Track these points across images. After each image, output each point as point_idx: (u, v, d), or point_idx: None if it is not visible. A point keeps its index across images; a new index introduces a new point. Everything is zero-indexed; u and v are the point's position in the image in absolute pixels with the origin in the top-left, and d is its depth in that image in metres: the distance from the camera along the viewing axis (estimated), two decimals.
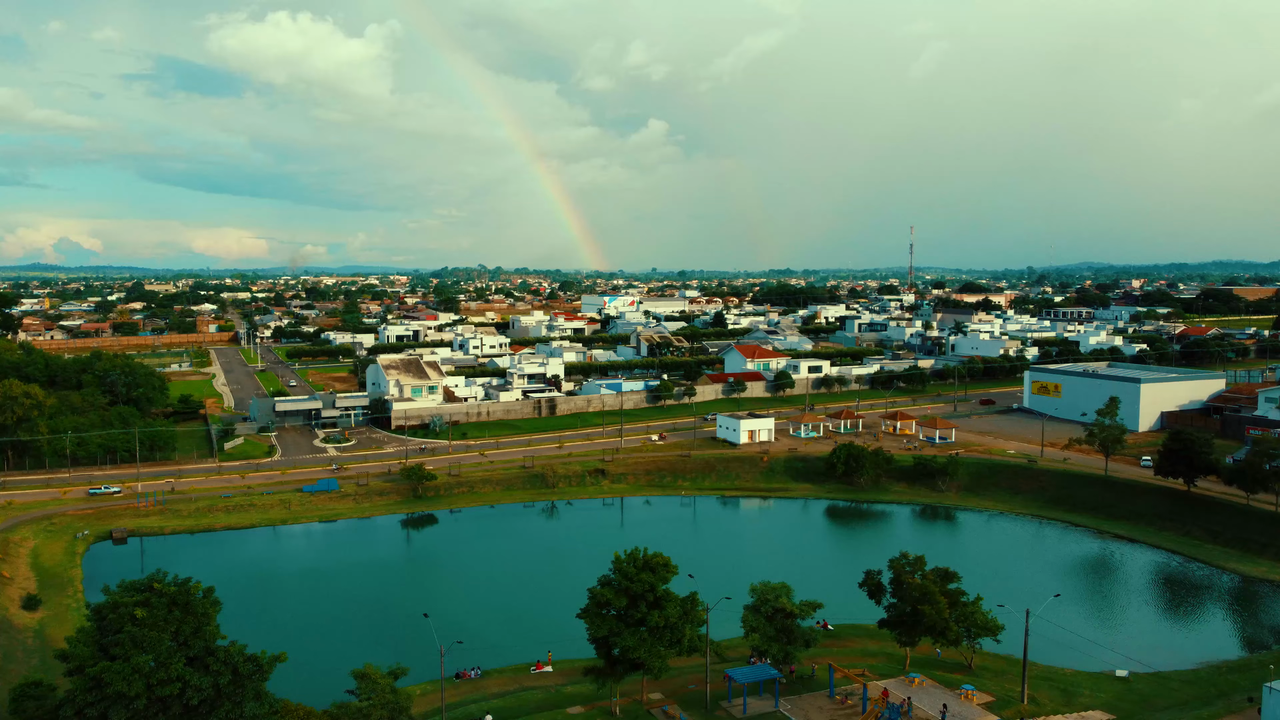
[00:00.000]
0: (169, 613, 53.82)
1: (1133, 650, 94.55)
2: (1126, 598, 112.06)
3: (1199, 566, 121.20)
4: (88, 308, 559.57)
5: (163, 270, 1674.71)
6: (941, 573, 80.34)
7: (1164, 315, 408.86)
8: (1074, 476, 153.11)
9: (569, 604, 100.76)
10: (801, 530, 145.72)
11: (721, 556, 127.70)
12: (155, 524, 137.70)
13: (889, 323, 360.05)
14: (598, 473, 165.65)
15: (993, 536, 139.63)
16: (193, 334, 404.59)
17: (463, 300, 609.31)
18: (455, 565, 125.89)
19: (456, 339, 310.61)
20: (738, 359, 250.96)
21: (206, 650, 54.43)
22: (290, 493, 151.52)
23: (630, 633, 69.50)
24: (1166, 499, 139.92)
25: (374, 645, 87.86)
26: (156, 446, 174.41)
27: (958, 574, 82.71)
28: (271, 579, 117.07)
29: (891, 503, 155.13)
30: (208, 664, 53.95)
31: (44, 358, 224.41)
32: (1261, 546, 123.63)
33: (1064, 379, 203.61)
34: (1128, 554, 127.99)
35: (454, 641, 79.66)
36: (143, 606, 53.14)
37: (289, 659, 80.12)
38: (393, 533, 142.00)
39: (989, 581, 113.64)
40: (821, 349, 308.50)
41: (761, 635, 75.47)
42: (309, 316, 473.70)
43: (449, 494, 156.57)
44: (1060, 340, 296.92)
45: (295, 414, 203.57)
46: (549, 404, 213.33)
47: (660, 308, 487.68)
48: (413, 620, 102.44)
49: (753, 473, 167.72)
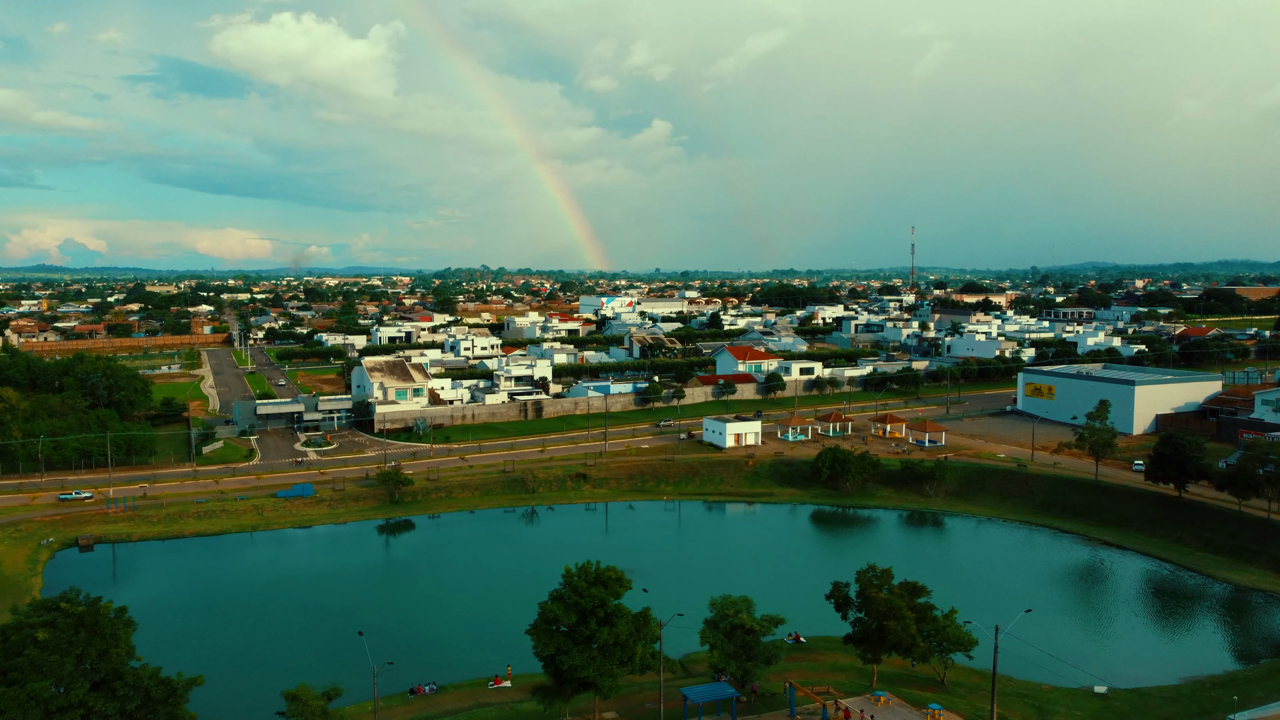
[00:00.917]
0: (75, 634, 50.90)
1: (1114, 664, 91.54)
2: (1112, 608, 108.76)
3: (1189, 575, 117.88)
4: (85, 309, 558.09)
5: (167, 271, 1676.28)
6: (909, 587, 77.17)
7: (1165, 316, 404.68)
8: (1064, 481, 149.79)
9: (535, 615, 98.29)
10: (783, 536, 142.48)
11: (698, 564, 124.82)
12: (123, 530, 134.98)
13: (885, 324, 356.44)
14: (579, 477, 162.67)
15: (979, 543, 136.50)
16: (187, 335, 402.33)
17: (461, 301, 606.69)
18: (426, 573, 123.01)
19: (448, 341, 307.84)
20: (729, 360, 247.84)
21: (114, 674, 51.49)
22: (264, 498, 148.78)
23: (579, 650, 66.54)
24: (1157, 504, 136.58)
25: (321, 661, 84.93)
26: (133, 450, 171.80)
27: (926, 588, 79.48)
28: (230, 589, 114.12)
29: (878, 508, 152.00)
30: (115, 689, 50.98)
31: (26, 360, 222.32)
32: (1253, 554, 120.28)
33: (1057, 381, 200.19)
34: (1116, 562, 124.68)
35: (385, 663, 76.60)
36: (47, 628, 50.29)
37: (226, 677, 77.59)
38: (365, 540, 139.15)
39: (971, 591, 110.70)
40: (816, 350, 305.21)
41: (720, 652, 72.44)
42: (305, 318, 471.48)
43: (426, 499, 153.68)
44: (1058, 341, 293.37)
45: (277, 417, 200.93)
46: (535, 406, 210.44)
47: (658, 308, 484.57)
48: (370, 633, 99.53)
49: (737, 477, 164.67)
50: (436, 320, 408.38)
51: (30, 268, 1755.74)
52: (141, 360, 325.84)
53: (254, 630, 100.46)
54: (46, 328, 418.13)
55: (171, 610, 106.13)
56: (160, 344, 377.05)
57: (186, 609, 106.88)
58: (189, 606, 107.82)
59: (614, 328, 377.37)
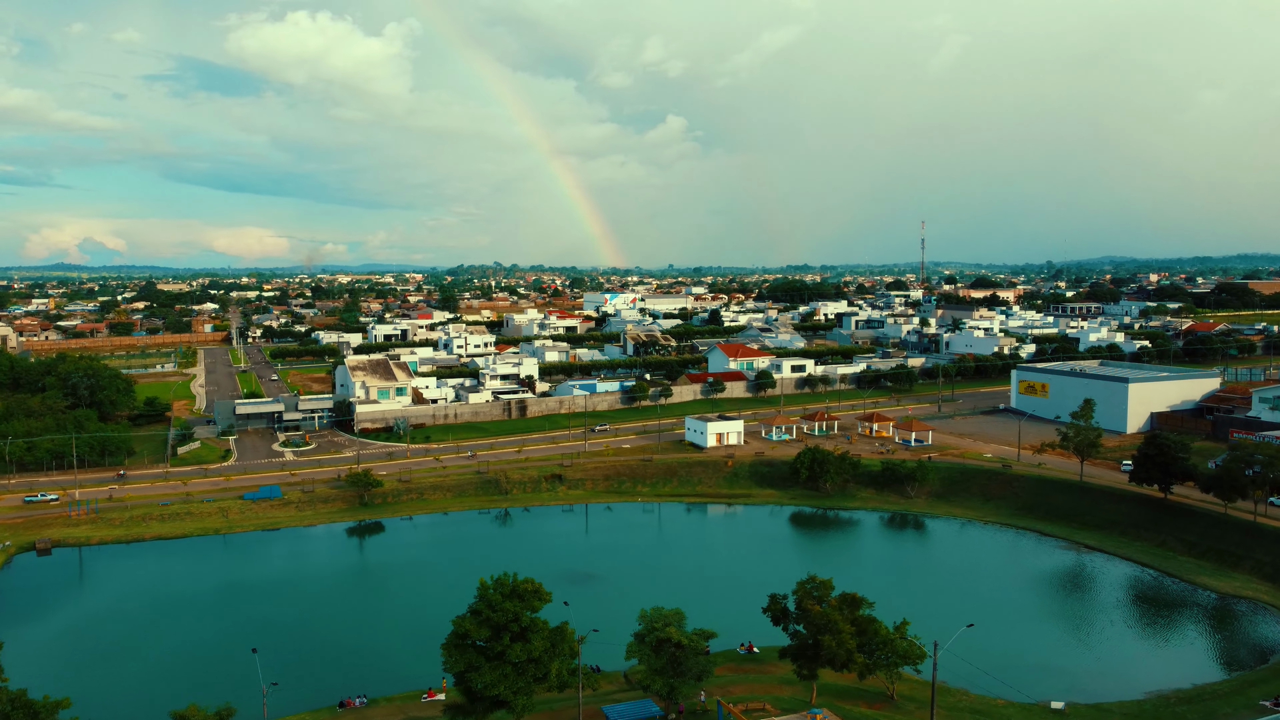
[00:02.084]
0: None
1: (1078, 677, 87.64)
2: (1085, 617, 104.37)
3: (1170, 581, 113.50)
4: (93, 308, 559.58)
5: (184, 269, 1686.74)
6: (849, 599, 73.48)
7: (1174, 310, 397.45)
8: (1048, 482, 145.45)
9: None
10: (756, 540, 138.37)
11: (662, 568, 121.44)
12: (84, 534, 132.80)
13: (886, 319, 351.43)
14: (554, 478, 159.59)
15: (955, 547, 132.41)
16: (187, 334, 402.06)
17: (466, 298, 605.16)
18: (383, 578, 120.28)
19: (441, 339, 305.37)
20: (721, 358, 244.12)
21: None
22: (231, 500, 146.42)
23: (491, 668, 63.38)
24: (1142, 507, 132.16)
25: (244, 676, 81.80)
26: (107, 451, 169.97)
27: (867, 599, 75.65)
28: (175, 596, 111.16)
29: (858, 509, 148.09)
30: None
31: (10, 360, 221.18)
32: (1237, 559, 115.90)
33: (1051, 378, 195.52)
34: (1095, 567, 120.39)
35: (270, 684, 73.66)
36: None
37: (127, 695, 74.58)
38: (329, 543, 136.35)
39: (938, 599, 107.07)
40: (815, 347, 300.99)
41: (646, 668, 69.08)
42: (306, 315, 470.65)
43: (397, 501, 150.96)
44: (1061, 337, 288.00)
45: (257, 417, 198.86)
46: (519, 405, 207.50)
47: (663, 305, 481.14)
48: (311, 642, 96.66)
49: (716, 478, 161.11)
50: (437, 317, 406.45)
51: (50, 267, 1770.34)
52: (137, 359, 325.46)
53: (181, 641, 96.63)
54: (49, 326, 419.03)
55: (108, 620, 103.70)
56: (159, 342, 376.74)
57: (123, 618, 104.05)
58: (127, 615, 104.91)
59: (613, 325, 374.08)
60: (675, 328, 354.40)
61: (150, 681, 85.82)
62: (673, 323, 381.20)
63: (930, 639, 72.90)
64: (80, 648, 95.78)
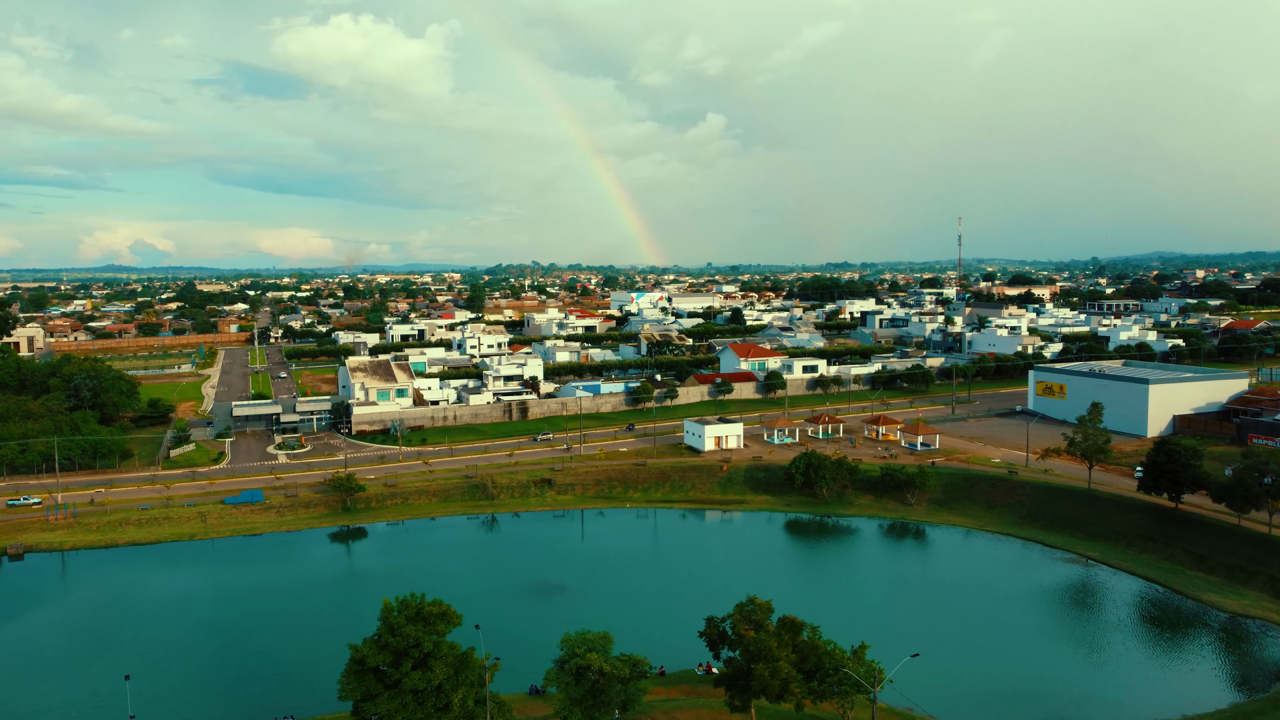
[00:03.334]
0: None
1: (1062, 704, 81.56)
2: (1080, 637, 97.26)
3: (1176, 599, 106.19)
4: (129, 309, 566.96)
5: (229, 270, 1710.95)
6: (788, 624, 67.95)
7: (1215, 307, 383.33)
8: (1054, 490, 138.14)
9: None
10: (744, 548, 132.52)
11: (640, 579, 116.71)
12: (58, 539, 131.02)
13: (911, 318, 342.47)
14: (544, 483, 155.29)
15: (952, 558, 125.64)
16: (212, 334, 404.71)
17: (496, 298, 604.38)
18: (350, 587, 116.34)
19: (455, 339, 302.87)
20: (732, 358, 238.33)
21: None
22: (212, 505, 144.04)
23: (389, 696, 59.08)
24: (1150, 516, 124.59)
25: (162, 700, 78.43)
26: (99, 454, 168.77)
27: (807, 623, 69.93)
28: (125, 609, 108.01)
29: (854, 516, 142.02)
30: None
31: (17, 361, 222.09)
32: (1249, 575, 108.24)
33: (1069, 379, 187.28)
34: (1097, 582, 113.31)
35: (129, 716, 70.00)
36: None
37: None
38: (305, 549, 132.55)
39: (919, 615, 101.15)
40: (835, 346, 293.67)
41: (565, 697, 64.29)
42: (333, 316, 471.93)
43: (380, 506, 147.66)
44: (1090, 335, 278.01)
45: (256, 419, 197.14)
46: (520, 407, 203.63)
47: (689, 304, 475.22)
48: (255, 655, 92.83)
49: (710, 483, 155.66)
50: (460, 317, 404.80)
51: (100, 269, 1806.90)
52: (158, 359, 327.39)
53: (117, 659, 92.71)
54: (79, 327, 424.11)
55: (53, 633, 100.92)
56: (183, 343, 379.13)
57: (71, 631, 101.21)
58: (75, 628, 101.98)
59: (634, 325, 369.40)
60: (696, 327, 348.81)
61: (72, 707, 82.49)
62: (695, 322, 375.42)
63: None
64: (13, 665, 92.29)
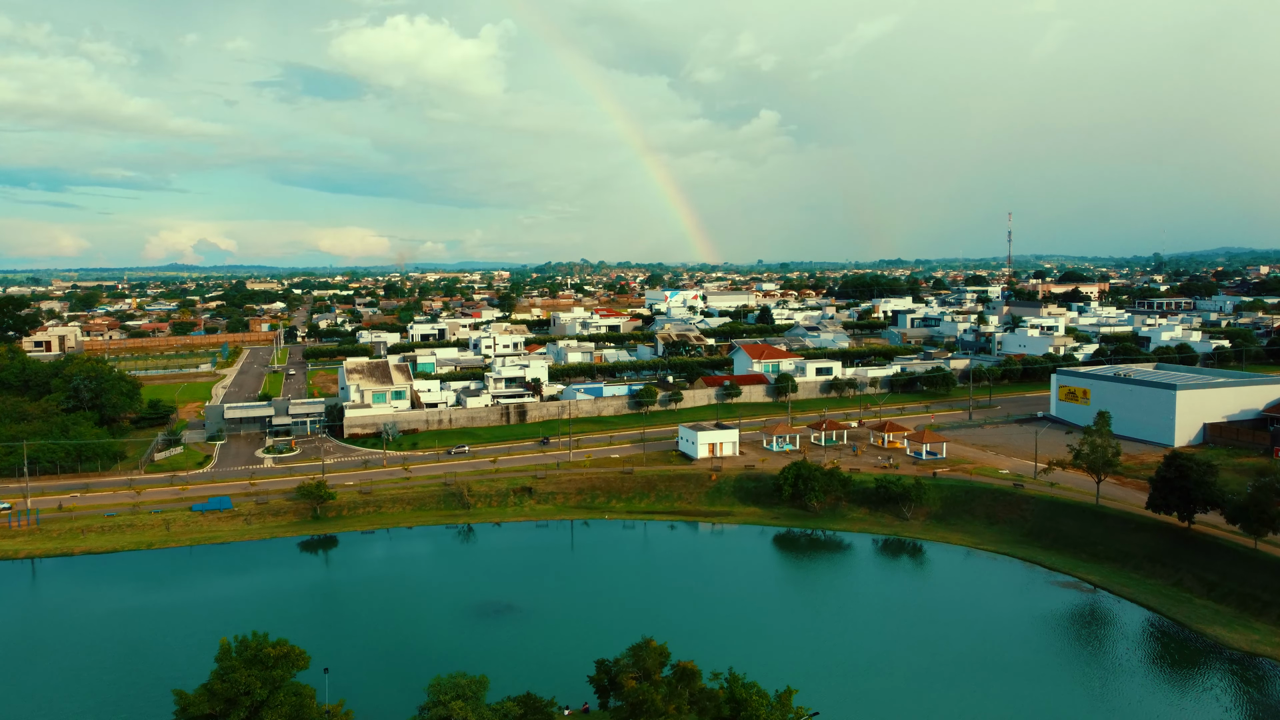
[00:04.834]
0: None
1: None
2: (1071, 676, 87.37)
3: (1179, 632, 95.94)
4: (172, 307, 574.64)
5: (287, 269, 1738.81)
6: (681, 671, 60.23)
7: (1273, 305, 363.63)
8: (1060, 505, 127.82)
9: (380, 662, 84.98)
10: (722, 565, 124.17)
11: (600, 599, 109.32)
12: (14, 547, 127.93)
13: (943, 317, 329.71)
14: (523, 491, 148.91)
15: (942, 580, 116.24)
16: (243, 333, 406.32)
17: (534, 296, 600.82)
18: (294, 605, 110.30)
19: (471, 339, 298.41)
20: (744, 359, 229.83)
21: None
22: (179, 511, 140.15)
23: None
24: (1160, 537, 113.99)
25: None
26: (83, 457, 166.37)
27: (701, 671, 62.00)
28: (52, 622, 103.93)
29: (844, 531, 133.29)
30: None
31: (23, 361, 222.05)
32: (1263, 605, 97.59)
33: (1093, 384, 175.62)
34: (1097, 611, 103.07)
35: None
36: None
37: None
38: (266, 559, 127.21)
39: (892, 647, 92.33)
40: (860, 346, 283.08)
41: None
42: (365, 314, 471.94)
43: (352, 514, 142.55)
44: (1131, 336, 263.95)
45: (248, 421, 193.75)
46: (519, 410, 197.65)
47: (724, 302, 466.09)
48: (158, 684, 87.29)
49: (697, 493, 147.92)
50: (486, 316, 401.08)
51: (166, 267, 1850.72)
52: (181, 358, 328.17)
53: (30, 681, 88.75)
54: (116, 325, 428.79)
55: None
56: (211, 342, 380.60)
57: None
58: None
59: (660, 324, 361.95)
60: (722, 326, 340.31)
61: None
62: (723, 321, 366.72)
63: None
64: None
